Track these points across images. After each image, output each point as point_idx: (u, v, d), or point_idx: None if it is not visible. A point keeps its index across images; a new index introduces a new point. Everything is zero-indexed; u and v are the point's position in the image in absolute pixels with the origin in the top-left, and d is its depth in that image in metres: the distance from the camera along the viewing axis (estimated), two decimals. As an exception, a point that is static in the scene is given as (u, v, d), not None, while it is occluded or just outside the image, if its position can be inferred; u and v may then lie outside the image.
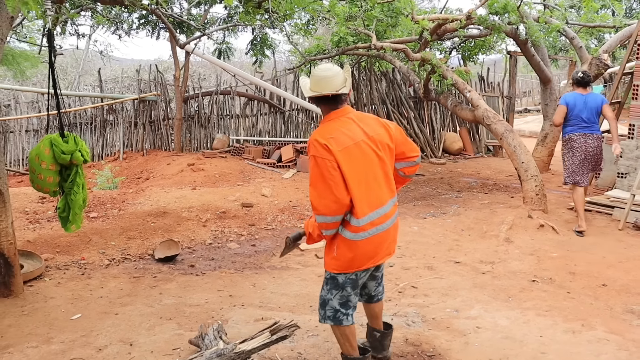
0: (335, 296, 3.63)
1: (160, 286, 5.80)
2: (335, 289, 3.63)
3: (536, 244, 7.12)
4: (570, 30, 11.23)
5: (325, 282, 3.68)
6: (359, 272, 3.63)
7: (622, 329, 4.68)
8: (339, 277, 3.61)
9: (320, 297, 3.71)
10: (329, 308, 3.65)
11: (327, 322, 3.68)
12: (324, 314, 3.67)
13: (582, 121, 7.75)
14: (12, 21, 5.29)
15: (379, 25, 10.53)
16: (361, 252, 3.53)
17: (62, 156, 5.27)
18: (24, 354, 4.28)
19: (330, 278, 3.65)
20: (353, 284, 3.64)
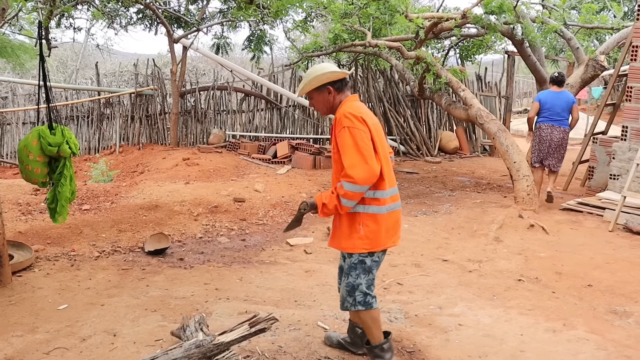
0: (364, 280, 3.73)
1: (147, 278, 5.83)
2: (363, 272, 3.73)
3: (525, 243, 7.15)
4: (567, 31, 11.25)
5: (354, 268, 3.73)
6: (380, 254, 3.78)
7: (603, 329, 4.71)
8: (367, 259, 3.71)
9: (348, 284, 3.76)
10: (358, 293, 3.73)
11: (358, 307, 3.74)
12: (354, 301, 3.74)
13: (553, 114, 8.98)
14: (4, 13, 5.32)
15: (374, 23, 10.56)
16: (387, 227, 3.70)
17: (48, 148, 5.31)
18: (8, 343, 4.31)
19: (358, 262, 3.72)
20: (377, 266, 3.80)
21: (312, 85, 3.74)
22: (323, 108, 3.85)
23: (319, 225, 7.82)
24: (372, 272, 3.78)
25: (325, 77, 3.71)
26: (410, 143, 14.48)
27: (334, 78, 3.73)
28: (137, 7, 11.94)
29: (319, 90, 3.76)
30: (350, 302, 3.76)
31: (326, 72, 3.72)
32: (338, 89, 3.75)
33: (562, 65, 21.47)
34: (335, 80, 3.74)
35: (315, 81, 3.73)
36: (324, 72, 3.73)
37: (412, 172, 12.27)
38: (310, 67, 3.88)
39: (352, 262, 3.75)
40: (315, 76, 3.72)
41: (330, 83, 3.73)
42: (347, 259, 3.79)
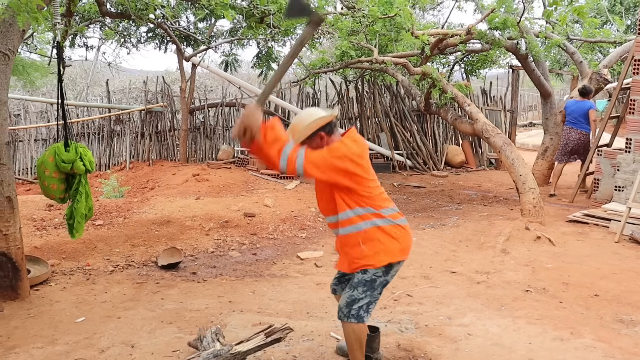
0: (367, 299, 3.77)
1: (162, 292, 5.96)
2: (370, 290, 3.77)
3: (532, 255, 7.26)
4: (570, 45, 11.41)
5: (362, 284, 3.76)
6: (395, 269, 3.84)
7: (610, 337, 4.81)
8: (378, 278, 3.76)
9: (351, 296, 3.78)
10: (355, 307, 3.76)
11: (351, 320, 3.76)
12: (349, 312, 3.77)
13: (572, 119, 10.77)
14: (23, 34, 5.49)
15: (381, 40, 10.73)
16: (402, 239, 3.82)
17: (62, 164, 5.46)
18: (30, 354, 4.43)
19: (370, 280, 3.75)
20: (383, 286, 3.84)
21: (304, 135, 3.71)
22: None
23: (328, 240, 7.94)
24: (377, 291, 3.81)
25: (315, 124, 3.70)
26: (417, 157, 14.61)
27: (323, 123, 3.73)
28: (148, 27, 12.15)
29: (310, 139, 3.73)
30: (345, 312, 3.78)
31: (315, 119, 3.71)
32: (329, 132, 3.75)
33: (567, 78, 21.64)
34: (325, 125, 3.73)
35: (306, 131, 3.70)
36: (313, 119, 3.71)
37: (419, 186, 12.39)
38: (295, 118, 3.84)
39: (362, 278, 3.77)
40: (305, 126, 3.70)
41: (321, 128, 3.72)
42: (359, 274, 3.79)
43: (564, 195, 11.00)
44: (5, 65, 5.24)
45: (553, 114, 12.00)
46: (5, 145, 5.32)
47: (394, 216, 3.81)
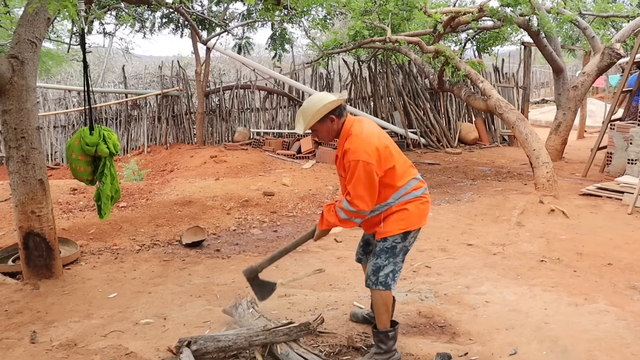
0: (390, 264, 3.95)
1: (189, 268, 6.19)
2: (392, 256, 3.95)
3: (546, 227, 7.41)
4: (582, 20, 11.46)
5: (384, 251, 3.95)
6: (412, 238, 4.02)
7: (623, 303, 4.98)
8: (398, 244, 3.95)
9: (375, 264, 3.96)
10: (382, 274, 3.94)
11: (378, 287, 3.95)
12: (376, 280, 3.95)
13: None
14: (49, 22, 5.68)
15: (393, 19, 10.84)
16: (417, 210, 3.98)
17: (86, 147, 5.64)
18: (68, 327, 4.67)
19: (390, 247, 3.94)
20: (405, 252, 4.02)
21: (316, 119, 3.86)
22: (328, 136, 3.99)
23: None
24: (399, 257, 3.97)
25: (326, 108, 3.84)
26: (431, 135, 14.75)
27: (334, 106, 3.87)
28: (163, 11, 12.31)
29: (322, 122, 3.89)
30: (373, 280, 3.97)
31: (326, 103, 3.84)
32: (339, 115, 3.90)
33: (579, 54, 21.56)
34: (335, 108, 3.88)
35: (318, 114, 3.84)
36: (324, 103, 3.84)
37: (433, 163, 12.55)
38: (305, 102, 4.00)
39: (384, 246, 3.96)
40: (317, 109, 3.84)
41: (331, 112, 3.87)
42: (380, 243, 3.99)
43: (577, 170, 11.12)
44: (33, 53, 5.43)
45: (566, 90, 12.06)
46: (36, 130, 5.52)
47: (415, 188, 3.97)
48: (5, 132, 5.38)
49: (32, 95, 5.45)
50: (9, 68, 5.21)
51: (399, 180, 3.91)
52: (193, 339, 3.77)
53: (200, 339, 3.79)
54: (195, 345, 3.74)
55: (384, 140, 3.90)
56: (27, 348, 4.29)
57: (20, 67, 5.26)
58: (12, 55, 5.27)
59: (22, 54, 5.28)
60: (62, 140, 15.30)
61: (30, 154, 5.41)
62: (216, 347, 3.79)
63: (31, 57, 5.39)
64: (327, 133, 3.96)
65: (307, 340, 4.25)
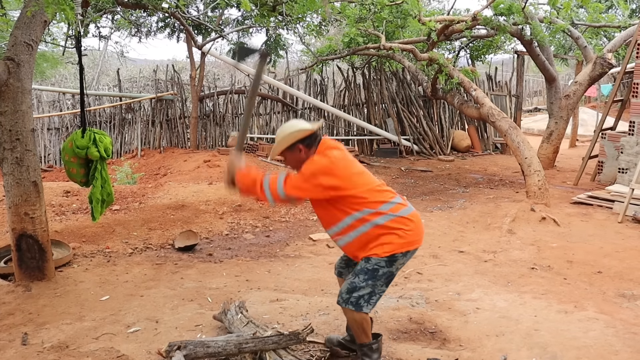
0: (368, 288, 3.75)
1: (181, 272, 6.20)
2: (371, 279, 3.74)
3: (537, 235, 7.47)
4: (575, 30, 11.56)
5: (364, 272, 3.75)
6: (399, 261, 3.78)
7: (612, 310, 5.02)
8: (380, 269, 3.72)
9: (352, 282, 3.77)
10: (355, 295, 3.76)
11: (348, 306, 3.77)
12: (348, 299, 3.77)
13: None
14: (45, 25, 5.70)
15: (388, 26, 10.90)
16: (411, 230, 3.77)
17: (77, 150, 5.67)
18: (60, 330, 4.67)
19: (371, 270, 3.74)
20: (388, 279, 3.81)
21: (282, 146, 3.79)
22: (297, 165, 3.82)
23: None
24: (380, 281, 3.76)
25: (293, 137, 3.76)
26: (424, 142, 14.82)
27: (302, 136, 3.77)
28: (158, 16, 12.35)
29: (290, 150, 3.80)
30: (344, 298, 3.80)
31: (293, 132, 3.76)
32: (308, 146, 3.79)
33: (571, 63, 21.73)
34: (304, 138, 3.78)
35: (284, 142, 3.78)
36: (292, 131, 3.77)
37: (426, 170, 12.60)
38: (279, 128, 3.91)
39: (365, 267, 3.78)
40: (283, 137, 3.78)
41: (300, 141, 3.78)
42: (362, 262, 3.81)
43: (568, 178, 11.19)
44: (29, 55, 5.44)
45: (558, 99, 12.16)
46: (31, 132, 5.53)
47: (395, 209, 3.76)
48: (0, 133, 5.39)
49: (28, 97, 5.46)
50: (5, 70, 5.22)
51: (370, 199, 3.71)
52: (183, 343, 3.76)
53: (190, 344, 3.78)
54: (185, 350, 3.72)
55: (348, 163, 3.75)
56: (18, 350, 4.30)
57: (16, 69, 5.28)
58: (8, 57, 5.29)
59: (18, 56, 5.29)
60: (55, 142, 15.28)
61: (24, 155, 5.42)
62: (205, 352, 3.78)
63: (27, 59, 5.41)
64: (295, 162, 3.84)
65: (297, 346, 4.27)
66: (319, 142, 3.83)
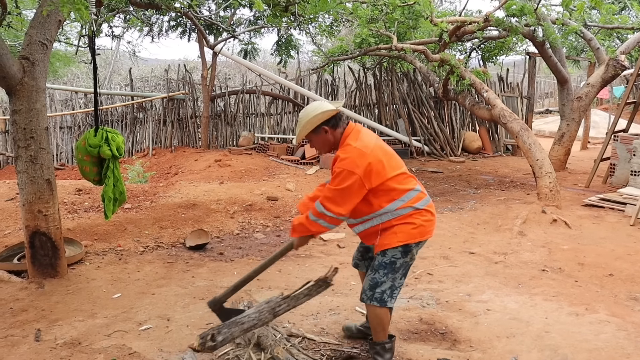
0: (389, 281, 3.82)
1: (192, 271, 6.23)
2: (391, 272, 3.81)
3: (548, 237, 7.45)
4: (587, 32, 11.51)
5: (383, 267, 3.81)
6: (413, 250, 3.85)
7: (624, 313, 5.01)
8: (398, 260, 3.79)
9: (373, 279, 3.84)
10: (378, 290, 3.82)
11: (373, 303, 3.83)
12: (372, 295, 3.83)
13: None
14: (60, 25, 5.74)
15: (399, 27, 10.90)
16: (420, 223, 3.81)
17: (89, 149, 5.71)
18: (72, 326, 4.71)
19: (389, 262, 3.80)
20: (406, 269, 3.87)
21: (307, 130, 3.80)
22: (323, 147, 3.89)
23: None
24: (398, 274, 3.83)
25: (317, 120, 3.76)
26: (434, 143, 14.80)
27: (326, 117, 3.77)
28: (170, 15, 12.40)
29: (316, 132, 3.81)
30: (368, 295, 3.84)
31: (317, 114, 3.75)
32: (333, 126, 3.80)
33: (584, 65, 21.63)
34: (329, 119, 3.78)
35: (309, 125, 3.77)
36: (315, 114, 3.76)
37: (437, 171, 12.59)
38: (302, 111, 3.91)
39: (382, 261, 3.83)
40: (307, 120, 3.77)
41: (324, 122, 3.78)
42: (379, 257, 3.86)
43: (579, 181, 11.16)
44: (43, 54, 5.49)
45: (570, 100, 12.11)
46: (45, 130, 5.58)
47: (416, 199, 3.81)
48: (15, 131, 5.45)
49: (42, 96, 5.51)
50: (20, 69, 5.27)
51: (394, 192, 3.75)
52: (216, 330, 3.69)
53: (223, 327, 3.72)
54: (220, 336, 3.65)
55: (378, 153, 3.74)
56: (31, 346, 4.34)
57: (31, 68, 5.33)
58: (23, 56, 5.34)
59: (33, 55, 5.35)
60: (67, 141, 15.38)
61: (38, 153, 5.47)
62: (242, 329, 3.75)
63: (42, 58, 5.46)
64: (323, 144, 3.88)
65: (308, 344, 4.29)
66: (345, 123, 3.85)
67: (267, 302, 3.91)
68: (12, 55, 5.21)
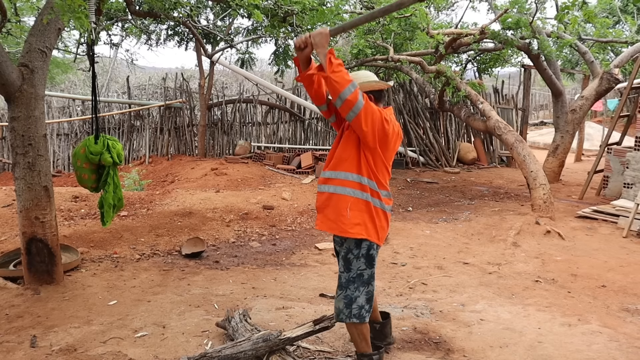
0: (363, 293, 3.81)
1: (188, 278, 6.26)
2: (362, 285, 3.80)
3: (542, 248, 7.50)
4: (582, 45, 11.61)
5: (352, 281, 3.79)
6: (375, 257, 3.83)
7: (616, 324, 5.05)
8: (365, 272, 3.78)
9: (347, 296, 3.80)
10: (355, 306, 3.80)
11: (353, 320, 3.81)
12: (350, 313, 3.80)
13: None
14: (59, 32, 5.79)
15: (396, 39, 10.99)
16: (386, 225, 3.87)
17: (90, 156, 5.72)
18: (68, 333, 4.73)
19: (357, 276, 3.78)
20: (373, 277, 3.85)
21: (364, 87, 3.75)
22: None
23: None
24: (371, 284, 3.82)
25: (369, 86, 3.82)
26: (430, 154, 14.87)
27: (377, 88, 3.87)
28: (168, 24, 12.47)
29: None
30: (346, 314, 3.79)
31: (370, 81, 3.86)
32: (377, 98, 3.86)
33: (578, 78, 21.77)
34: (379, 90, 3.90)
35: (366, 85, 3.81)
36: (368, 80, 3.87)
37: (432, 181, 12.64)
38: (357, 72, 3.96)
39: (350, 277, 3.80)
40: (366, 80, 3.87)
41: (373, 92, 3.85)
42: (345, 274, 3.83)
43: (573, 192, 11.22)
44: (43, 62, 5.54)
45: (564, 113, 12.20)
46: (43, 138, 5.63)
47: (386, 201, 3.86)
48: (13, 138, 5.48)
49: (41, 103, 5.55)
50: (19, 76, 5.31)
51: (384, 177, 3.81)
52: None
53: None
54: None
55: (398, 134, 3.84)
56: (27, 352, 4.35)
57: (30, 75, 5.37)
58: (22, 63, 5.38)
59: (32, 62, 5.39)
60: (64, 148, 15.40)
61: (36, 160, 5.51)
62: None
63: (41, 66, 5.50)
64: None
65: (302, 353, 4.32)
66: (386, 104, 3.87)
67: (264, 341, 3.93)
68: (11, 62, 5.25)
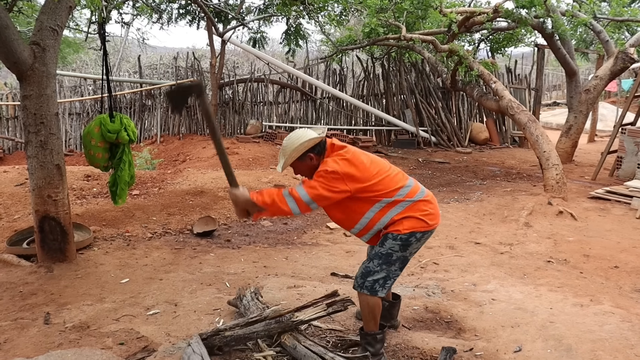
0: (382, 272, 3.81)
1: (199, 257, 6.29)
2: (386, 264, 3.81)
3: (554, 228, 7.47)
4: (597, 24, 11.46)
5: (378, 257, 3.81)
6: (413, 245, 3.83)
7: (628, 305, 5.03)
8: (395, 253, 3.78)
9: (366, 267, 3.85)
10: (369, 279, 3.83)
11: (363, 291, 3.85)
12: (363, 283, 3.84)
13: None
14: (70, 11, 5.77)
15: (408, 17, 10.89)
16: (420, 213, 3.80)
17: (108, 134, 5.75)
18: (81, 310, 4.76)
19: (386, 254, 3.80)
20: (402, 263, 3.86)
21: (293, 158, 3.76)
22: (309, 172, 3.81)
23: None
24: (394, 267, 3.83)
25: (304, 147, 3.73)
26: (442, 134, 14.81)
27: (312, 145, 3.75)
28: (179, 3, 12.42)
29: (301, 160, 3.78)
30: (359, 283, 3.85)
31: (303, 142, 3.73)
32: (318, 153, 3.78)
33: (592, 57, 21.53)
34: (314, 146, 3.77)
35: (295, 153, 3.74)
36: (302, 141, 3.73)
37: (443, 162, 12.60)
38: (285, 139, 3.86)
39: (379, 251, 3.84)
40: (293, 149, 3.74)
41: (310, 150, 3.76)
42: (377, 247, 3.87)
43: (586, 173, 11.15)
44: (54, 40, 5.52)
45: (578, 93, 12.09)
46: (55, 116, 5.63)
47: (411, 193, 3.81)
48: (25, 117, 5.49)
49: (52, 81, 5.55)
50: (31, 54, 5.30)
51: (389, 186, 3.75)
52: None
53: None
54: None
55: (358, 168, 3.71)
56: (41, 328, 4.39)
57: (41, 53, 5.36)
58: (33, 42, 5.37)
59: (43, 40, 5.38)
60: (76, 127, 15.44)
61: (48, 139, 5.51)
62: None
63: (52, 44, 5.49)
64: (308, 170, 3.82)
65: (314, 331, 4.33)
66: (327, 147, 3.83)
67: (277, 322, 3.91)
68: (22, 41, 5.24)
